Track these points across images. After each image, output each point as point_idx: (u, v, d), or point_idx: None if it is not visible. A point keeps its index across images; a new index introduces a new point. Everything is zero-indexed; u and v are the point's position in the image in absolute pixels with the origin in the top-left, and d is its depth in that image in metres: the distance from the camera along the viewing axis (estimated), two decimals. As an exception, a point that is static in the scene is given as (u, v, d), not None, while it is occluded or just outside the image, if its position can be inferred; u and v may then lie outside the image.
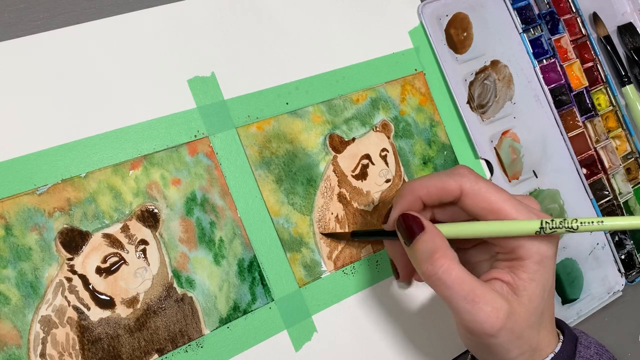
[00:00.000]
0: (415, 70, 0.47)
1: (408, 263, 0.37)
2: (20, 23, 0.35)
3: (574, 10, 0.53)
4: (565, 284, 0.48)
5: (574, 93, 0.52)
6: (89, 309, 0.33)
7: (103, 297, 0.34)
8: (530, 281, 0.32)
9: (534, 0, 0.52)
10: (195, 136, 0.38)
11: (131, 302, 0.34)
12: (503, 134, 0.48)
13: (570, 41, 0.52)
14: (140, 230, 0.35)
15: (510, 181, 0.48)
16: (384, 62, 0.45)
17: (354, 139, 0.43)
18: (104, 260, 0.34)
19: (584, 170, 0.51)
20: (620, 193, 0.52)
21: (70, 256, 0.33)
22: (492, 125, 0.48)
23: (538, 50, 0.51)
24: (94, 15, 0.37)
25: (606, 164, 0.52)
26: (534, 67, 0.50)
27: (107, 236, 0.34)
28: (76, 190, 0.34)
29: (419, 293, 0.43)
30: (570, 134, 0.50)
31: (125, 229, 0.35)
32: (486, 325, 0.31)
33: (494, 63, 0.49)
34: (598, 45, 0.54)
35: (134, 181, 0.36)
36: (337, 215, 0.41)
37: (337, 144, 0.42)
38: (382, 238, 0.39)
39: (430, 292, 0.43)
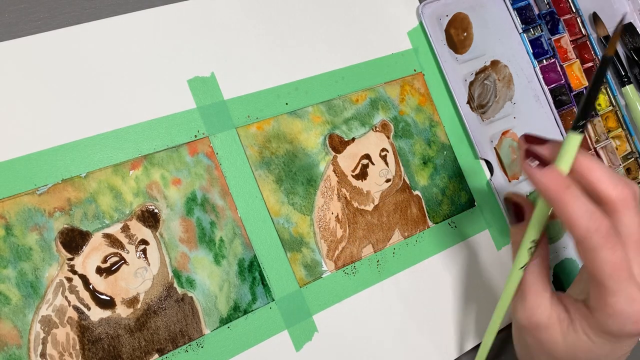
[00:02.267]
0: (415, 70, 0.47)
1: None
2: (21, 23, 0.35)
3: (574, 10, 0.53)
4: (565, 284, 0.48)
5: (574, 93, 0.52)
6: (89, 309, 0.33)
7: (103, 297, 0.34)
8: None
9: (534, 0, 0.52)
10: (195, 136, 0.38)
11: (131, 302, 0.34)
12: (503, 134, 0.48)
13: (570, 41, 0.52)
14: (141, 230, 0.35)
15: (510, 181, 0.48)
16: (383, 63, 0.45)
17: (353, 139, 0.43)
18: (104, 260, 0.34)
19: (584, 170, 0.51)
20: (620, 193, 0.52)
21: (70, 256, 0.33)
22: (492, 125, 0.48)
23: (538, 50, 0.51)
24: (94, 15, 0.37)
25: (606, 164, 0.52)
26: (534, 67, 0.50)
27: (107, 236, 0.34)
28: (76, 190, 0.34)
29: (420, 293, 0.43)
30: (570, 134, 0.50)
31: (125, 228, 0.35)
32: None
33: (494, 63, 0.49)
34: (598, 45, 0.54)
35: (134, 181, 0.36)
36: (337, 215, 0.41)
37: (337, 144, 0.42)
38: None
39: (430, 292, 0.43)
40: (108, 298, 0.34)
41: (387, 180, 0.43)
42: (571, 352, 0.34)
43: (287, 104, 0.41)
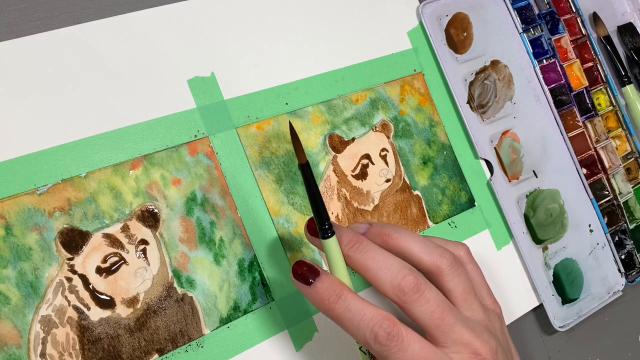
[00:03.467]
0: (414, 70, 0.47)
1: None
2: (20, 23, 0.35)
3: (574, 10, 0.53)
4: (565, 284, 0.48)
5: (574, 93, 0.52)
6: (89, 308, 0.33)
7: (103, 297, 0.34)
8: None
9: (534, 0, 0.52)
10: (195, 136, 0.38)
11: (131, 302, 0.34)
12: (503, 134, 0.48)
13: (570, 41, 0.52)
14: (141, 230, 0.35)
15: (510, 181, 0.48)
16: (383, 63, 0.45)
17: (353, 139, 0.43)
18: (104, 260, 0.34)
19: (584, 170, 0.51)
20: (620, 193, 0.52)
21: (70, 256, 0.33)
22: (492, 125, 0.48)
23: (538, 50, 0.51)
24: (94, 15, 0.37)
25: (606, 164, 0.52)
26: (534, 67, 0.50)
27: (107, 236, 0.34)
28: (76, 190, 0.34)
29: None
30: (570, 134, 0.51)
31: (125, 228, 0.35)
32: None
33: (494, 63, 0.49)
34: (598, 45, 0.54)
35: (134, 181, 0.36)
36: (337, 215, 0.41)
37: (337, 144, 0.42)
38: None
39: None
40: (108, 298, 0.34)
41: (387, 180, 0.43)
42: None
43: (287, 104, 0.41)
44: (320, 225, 0.31)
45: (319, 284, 0.31)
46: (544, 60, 0.51)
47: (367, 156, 0.43)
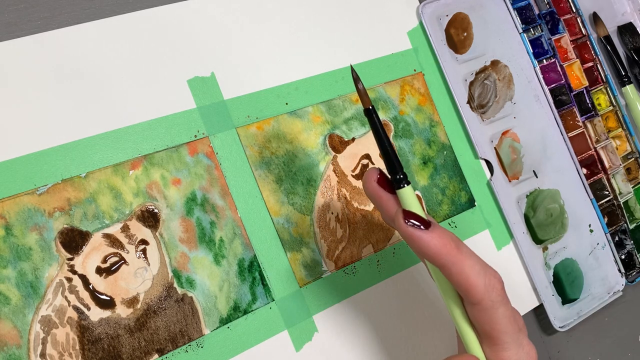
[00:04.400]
0: (414, 70, 0.47)
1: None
2: (20, 23, 0.35)
3: (574, 10, 0.53)
4: (565, 284, 0.48)
5: (574, 93, 0.52)
6: (89, 309, 0.33)
7: (103, 297, 0.34)
8: None
9: (534, 0, 0.52)
10: (195, 136, 0.38)
11: (131, 302, 0.34)
12: (503, 134, 0.48)
13: (570, 41, 0.52)
14: (141, 230, 0.35)
15: (510, 181, 0.48)
16: (383, 63, 0.45)
17: (353, 139, 0.43)
18: (104, 260, 0.34)
19: (584, 170, 0.51)
20: (620, 193, 0.52)
21: (70, 256, 0.33)
22: (492, 125, 0.48)
23: (538, 50, 0.51)
24: (94, 15, 0.37)
25: (606, 164, 0.52)
26: (534, 67, 0.50)
27: (107, 236, 0.34)
28: (76, 190, 0.34)
29: (420, 293, 0.43)
30: (570, 134, 0.51)
31: (125, 228, 0.35)
32: None
33: (494, 63, 0.49)
34: (598, 45, 0.54)
35: (134, 181, 0.36)
36: (337, 215, 0.41)
37: (337, 144, 0.42)
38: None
39: (430, 292, 0.43)
40: (108, 298, 0.34)
41: (387, 180, 0.43)
42: None
43: (287, 104, 0.41)
44: (394, 175, 0.29)
45: (437, 229, 0.29)
46: (544, 60, 0.51)
47: (367, 156, 0.43)
